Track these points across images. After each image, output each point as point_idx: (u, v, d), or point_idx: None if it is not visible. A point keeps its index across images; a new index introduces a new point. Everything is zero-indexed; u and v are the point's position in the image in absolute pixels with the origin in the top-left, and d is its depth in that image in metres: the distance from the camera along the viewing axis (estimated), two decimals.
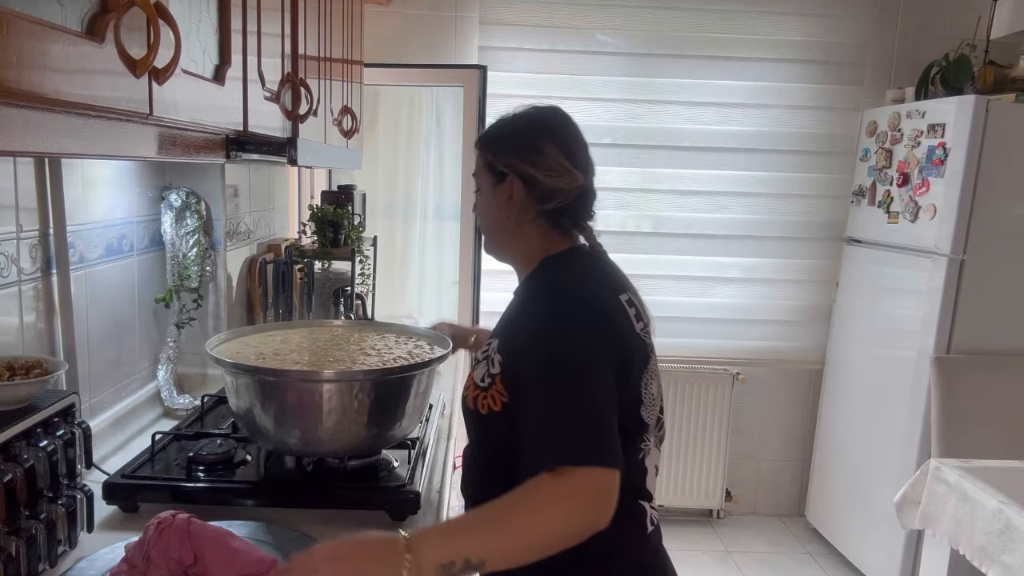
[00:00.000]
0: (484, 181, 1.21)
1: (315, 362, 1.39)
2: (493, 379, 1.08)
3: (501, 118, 1.23)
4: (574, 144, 1.19)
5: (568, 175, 1.15)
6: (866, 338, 3.11)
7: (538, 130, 1.18)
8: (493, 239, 1.25)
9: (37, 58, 0.59)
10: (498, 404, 1.07)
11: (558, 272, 1.15)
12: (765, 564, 3.17)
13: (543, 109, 1.22)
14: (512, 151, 1.17)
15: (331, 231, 2.35)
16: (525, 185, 1.15)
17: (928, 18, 3.26)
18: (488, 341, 1.15)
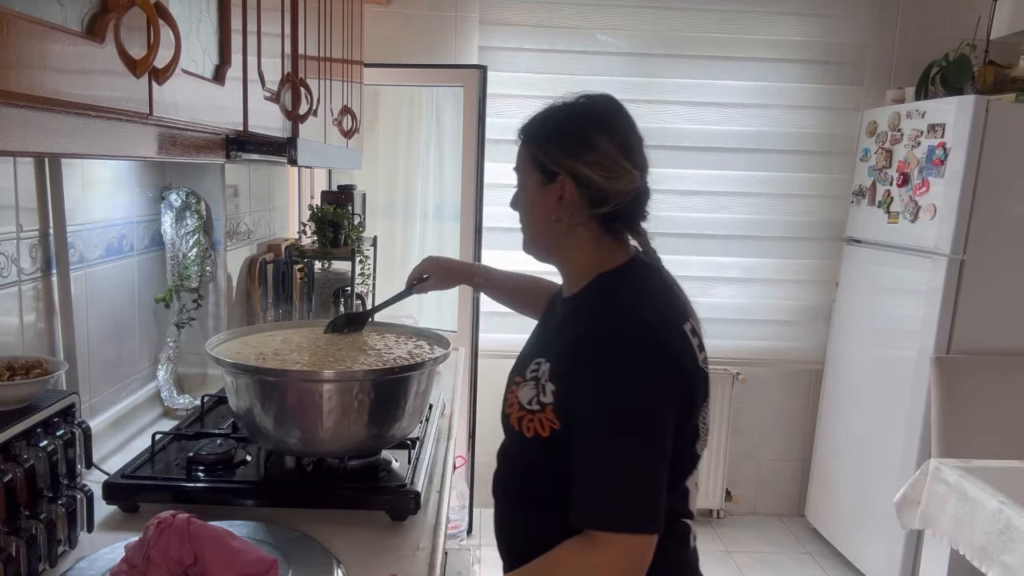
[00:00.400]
0: (530, 178, 1.11)
1: (315, 362, 1.38)
2: (543, 407, 1.02)
3: (550, 107, 1.11)
4: (631, 139, 1.09)
5: (626, 176, 1.06)
6: (866, 338, 3.11)
7: (594, 124, 1.07)
8: (537, 241, 1.15)
9: (37, 58, 0.59)
10: (547, 430, 1.02)
11: (620, 299, 1.04)
12: (765, 564, 3.17)
13: (597, 99, 1.11)
14: (565, 148, 1.06)
15: (331, 231, 2.35)
16: (578, 186, 1.05)
17: (928, 18, 3.27)
18: (536, 360, 1.07)
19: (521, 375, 1.10)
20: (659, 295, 1.07)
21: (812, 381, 3.51)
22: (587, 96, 1.10)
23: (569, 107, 1.10)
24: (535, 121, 1.12)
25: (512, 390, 1.10)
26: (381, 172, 3.33)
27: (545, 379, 1.03)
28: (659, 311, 1.04)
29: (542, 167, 1.08)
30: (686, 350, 1.02)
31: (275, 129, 1.29)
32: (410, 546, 1.21)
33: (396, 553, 1.19)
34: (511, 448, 1.13)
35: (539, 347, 1.12)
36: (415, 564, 1.16)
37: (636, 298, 1.04)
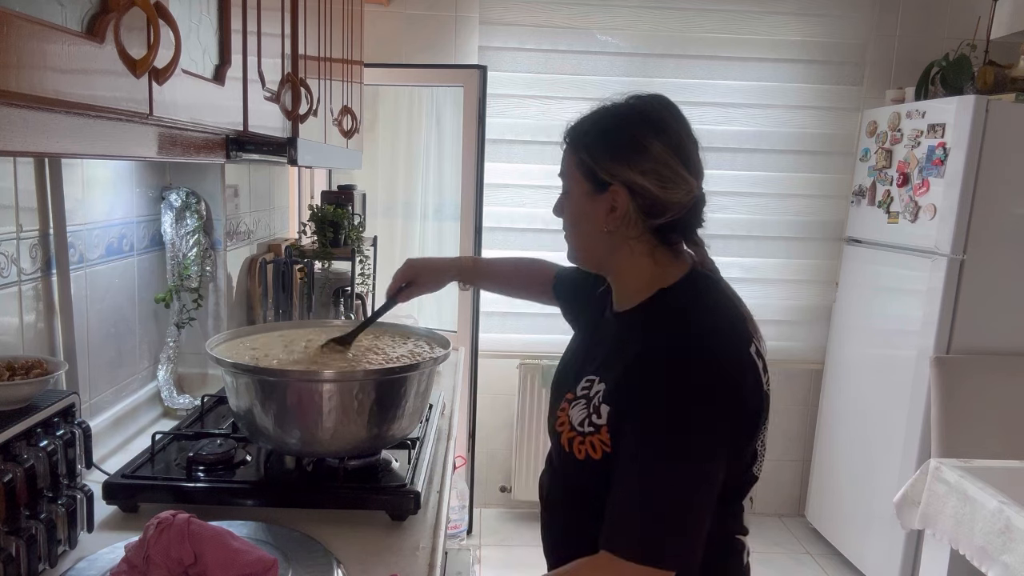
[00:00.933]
0: (578, 186, 1.03)
1: (315, 362, 1.38)
2: (597, 429, 0.98)
3: (598, 109, 1.04)
4: (687, 144, 1.03)
5: (684, 185, 1.01)
6: (866, 338, 3.11)
7: (647, 128, 1.00)
8: (586, 253, 1.09)
9: (37, 58, 0.59)
10: (599, 452, 0.98)
11: (681, 322, 0.98)
12: (765, 564, 3.17)
13: (648, 99, 1.03)
14: (617, 155, 0.99)
15: (331, 231, 2.35)
16: (632, 196, 0.99)
17: (928, 18, 3.27)
18: (588, 378, 1.03)
19: (572, 391, 1.05)
20: (722, 316, 1.01)
21: (812, 381, 3.51)
22: (637, 97, 1.04)
23: (618, 109, 1.03)
24: (582, 125, 1.04)
25: (563, 407, 1.06)
26: (381, 172, 3.33)
27: (599, 400, 0.99)
28: (723, 335, 0.98)
29: (592, 175, 1.01)
30: (750, 376, 0.97)
31: (275, 129, 1.30)
32: (410, 546, 1.21)
33: (396, 553, 1.19)
34: (559, 463, 1.09)
35: (590, 363, 1.06)
36: (415, 564, 1.16)
37: (699, 321, 0.99)
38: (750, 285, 3.47)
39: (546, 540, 1.18)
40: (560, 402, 1.07)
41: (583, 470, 1.00)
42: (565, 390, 1.08)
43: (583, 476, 1.02)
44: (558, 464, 1.09)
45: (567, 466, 1.04)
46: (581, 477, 1.02)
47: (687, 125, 1.04)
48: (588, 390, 1.02)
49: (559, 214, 1.11)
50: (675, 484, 0.90)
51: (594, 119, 1.04)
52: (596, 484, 0.98)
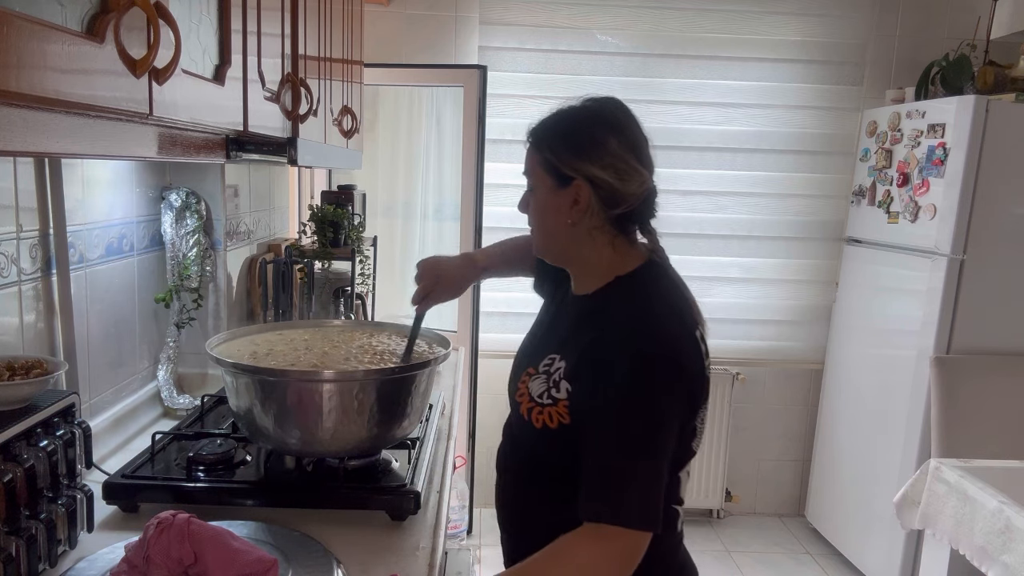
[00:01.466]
0: (542, 183, 1.11)
1: (315, 362, 1.38)
2: (556, 402, 1.07)
3: (557, 111, 1.12)
4: (639, 140, 1.11)
5: (637, 176, 1.09)
6: (866, 338, 3.11)
7: (603, 126, 1.08)
8: (551, 245, 1.16)
9: (37, 58, 0.59)
10: (555, 423, 1.07)
11: (638, 306, 1.07)
12: (765, 564, 3.17)
13: (604, 102, 1.12)
14: (579, 152, 1.07)
15: (331, 231, 2.35)
16: (593, 189, 1.07)
17: (928, 18, 3.27)
18: (549, 355, 1.11)
19: (534, 367, 1.13)
20: (674, 302, 1.10)
21: (812, 381, 3.52)
22: (592, 99, 1.12)
23: (577, 110, 1.11)
24: (544, 125, 1.12)
25: (524, 380, 1.14)
26: (381, 172, 3.33)
27: (560, 377, 1.07)
28: (675, 320, 1.06)
29: (555, 171, 1.09)
30: (696, 357, 1.06)
31: (275, 129, 1.30)
32: (410, 546, 1.21)
33: (396, 553, 1.19)
34: (517, 430, 1.18)
35: (552, 342, 1.14)
36: (415, 564, 1.16)
37: (654, 306, 1.07)
38: (750, 285, 3.48)
39: (500, 506, 1.25)
40: (521, 376, 1.16)
41: (539, 438, 1.09)
42: (527, 364, 1.16)
43: (539, 443, 1.11)
44: (517, 432, 1.18)
45: (524, 433, 1.13)
46: (534, 443, 1.12)
47: (639, 124, 1.12)
48: (549, 367, 1.10)
49: (524, 210, 1.18)
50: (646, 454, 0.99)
51: (555, 120, 1.11)
52: (547, 451, 1.10)
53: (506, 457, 1.24)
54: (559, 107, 1.12)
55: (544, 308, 1.31)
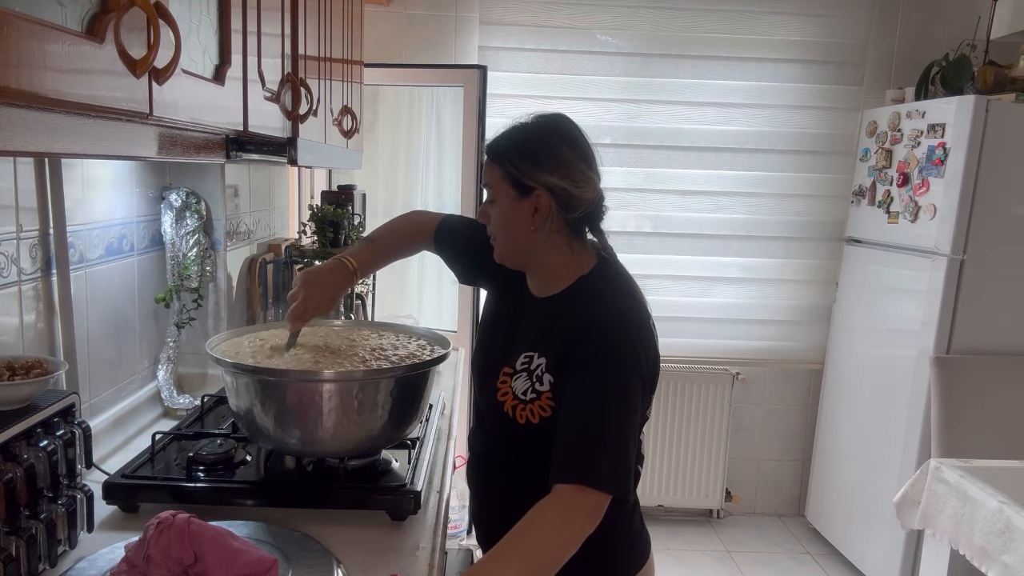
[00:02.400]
0: (504, 194, 1.19)
1: (315, 362, 1.38)
2: (539, 395, 1.17)
3: (512, 128, 1.21)
4: (589, 151, 1.20)
5: (591, 183, 1.18)
6: (866, 338, 3.11)
7: (559, 139, 1.18)
8: (514, 251, 1.24)
9: (37, 58, 0.59)
10: (536, 417, 1.17)
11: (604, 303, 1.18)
12: (765, 564, 3.17)
13: (554, 117, 1.22)
14: (538, 164, 1.16)
15: (331, 231, 2.35)
16: (552, 197, 1.16)
17: (928, 18, 3.27)
18: (526, 354, 1.20)
19: (511, 366, 1.22)
20: (632, 297, 1.21)
21: (812, 381, 3.51)
22: (543, 115, 1.22)
23: (531, 125, 1.20)
24: (502, 140, 1.21)
25: (504, 380, 1.22)
26: (381, 172, 3.33)
27: (542, 371, 1.17)
28: (635, 312, 1.18)
29: (516, 183, 1.18)
30: (651, 344, 1.18)
31: (275, 129, 1.30)
32: (410, 546, 1.21)
33: (396, 553, 1.19)
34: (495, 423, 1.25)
35: (524, 341, 1.23)
36: (415, 564, 1.16)
37: (618, 302, 1.19)
38: (750, 285, 3.48)
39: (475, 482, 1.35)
40: (498, 375, 1.23)
41: (521, 432, 1.19)
42: (501, 365, 1.23)
43: (520, 438, 1.20)
44: (496, 427, 1.26)
45: (507, 429, 1.21)
46: (518, 438, 1.20)
47: (584, 134, 1.22)
48: (528, 364, 1.19)
49: (484, 220, 1.26)
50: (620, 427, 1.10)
51: (511, 135, 1.21)
52: (529, 444, 1.19)
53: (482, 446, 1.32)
54: (513, 123, 1.22)
55: (496, 308, 1.36)
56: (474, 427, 1.37)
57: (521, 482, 1.20)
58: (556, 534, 1.03)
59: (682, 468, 3.42)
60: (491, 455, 1.31)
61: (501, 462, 1.28)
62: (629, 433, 1.11)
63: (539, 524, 1.04)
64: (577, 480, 1.05)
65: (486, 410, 1.29)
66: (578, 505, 1.05)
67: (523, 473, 1.20)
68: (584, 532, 1.05)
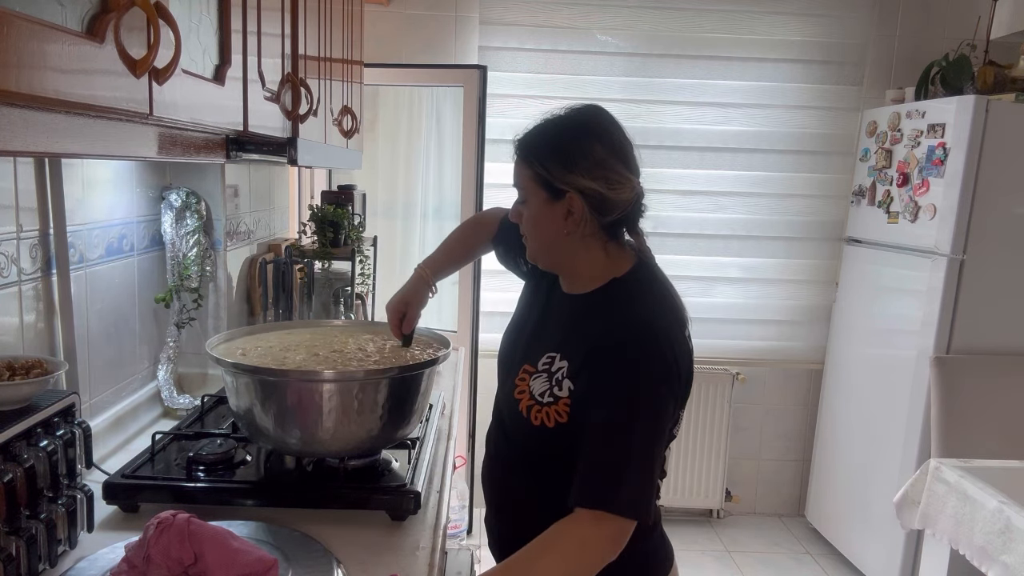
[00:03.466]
0: (534, 196, 1.13)
1: (315, 362, 1.38)
2: (556, 400, 1.11)
3: (544, 123, 1.14)
4: (625, 146, 1.12)
5: (627, 184, 1.11)
6: (866, 338, 3.11)
7: (590, 137, 1.10)
8: (546, 254, 1.19)
9: (37, 58, 0.59)
10: (552, 422, 1.11)
11: (636, 308, 1.11)
12: (765, 564, 3.17)
13: (587, 111, 1.14)
14: (571, 166, 1.09)
15: (331, 231, 2.35)
16: (586, 200, 1.09)
17: (928, 18, 3.27)
18: (548, 354, 1.14)
19: (532, 364, 1.16)
20: (667, 303, 1.14)
21: (812, 381, 3.52)
22: (575, 109, 1.14)
23: (562, 121, 1.13)
24: (532, 138, 1.14)
25: (523, 377, 1.17)
26: (381, 172, 3.33)
27: (562, 376, 1.11)
28: (669, 321, 1.11)
29: (548, 185, 1.11)
30: (687, 354, 1.11)
31: (275, 129, 1.30)
32: (410, 546, 1.21)
33: (396, 553, 1.19)
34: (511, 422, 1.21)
35: (548, 340, 1.17)
36: (415, 564, 1.16)
37: (650, 308, 1.12)
38: (750, 285, 3.48)
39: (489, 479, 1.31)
40: (518, 372, 1.18)
41: (535, 435, 1.13)
42: (522, 362, 1.19)
43: (533, 440, 1.15)
44: (511, 423, 1.21)
45: (520, 429, 1.17)
46: (531, 440, 1.15)
47: (622, 129, 1.14)
48: (550, 366, 1.13)
49: (516, 220, 1.21)
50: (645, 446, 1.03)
51: (541, 132, 1.14)
52: (542, 447, 1.14)
53: (497, 444, 1.28)
54: (544, 118, 1.14)
55: (528, 302, 1.33)
56: (492, 423, 1.32)
57: (534, 487, 1.17)
58: (572, 560, 0.99)
59: (682, 468, 3.43)
60: (505, 454, 1.26)
61: (515, 463, 1.24)
62: (655, 453, 1.05)
63: (556, 547, 1.00)
64: (598, 506, 1.01)
65: (504, 406, 1.25)
66: (598, 532, 1.00)
67: (537, 478, 1.17)
68: (603, 559, 1.01)
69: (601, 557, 1.00)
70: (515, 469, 1.24)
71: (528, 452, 1.19)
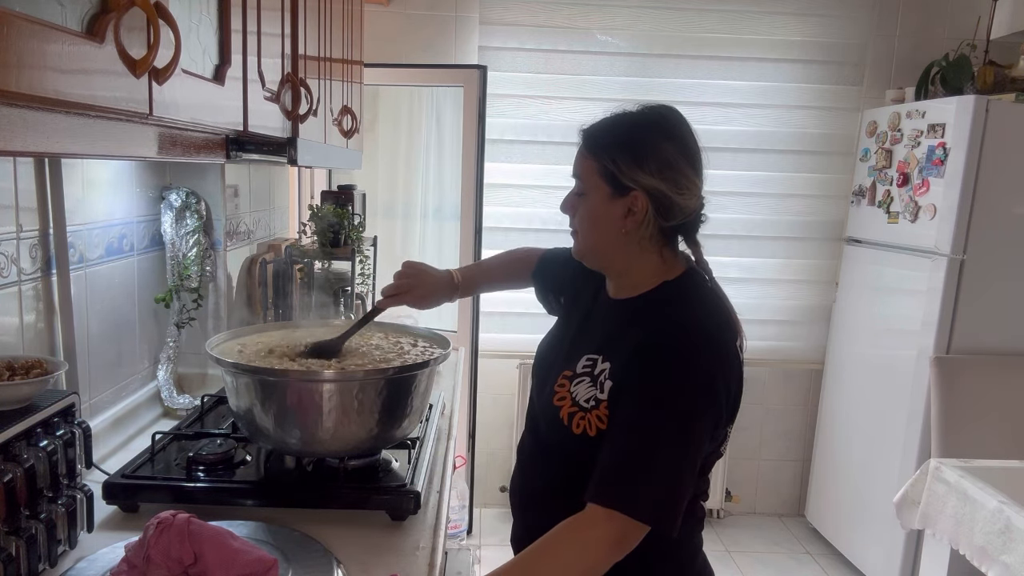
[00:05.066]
0: (597, 190, 1.09)
1: (316, 362, 1.38)
2: (598, 404, 1.06)
3: (615, 117, 1.10)
4: (696, 151, 1.10)
5: (695, 189, 1.09)
6: (866, 338, 3.11)
7: (665, 137, 1.08)
8: (596, 251, 1.14)
9: (37, 58, 0.59)
10: (594, 429, 1.06)
11: (686, 312, 1.07)
12: (765, 564, 3.17)
13: (661, 109, 1.11)
14: (640, 162, 1.05)
15: (331, 231, 2.35)
16: (651, 200, 1.06)
17: (928, 18, 3.27)
18: (589, 356, 1.10)
19: (571, 369, 1.11)
20: (718, 310, 1.09)
21: (812, 381, 3.51)
22: (650, 107, 1.11)
23: (636, 117, 1.10)
24: (603, 130, 1.10)
25: (562, 383, 1.11)
26: (381, 172, 3.33)
27: (605, 377, 1.06)
28: (719, 328, 1.06)
29: (613, 180, 1.07)
30: (736, 366, 1.06)
31: (275, 129, 1.29)
32: (410, 546, 1.21)
33: (396, 553, 1.19)
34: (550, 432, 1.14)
35: (589, 344, 1.12)
36: (415, 564, 1.16)
37: (700, 313, 1.07)
38: (750, 285, 3.48)
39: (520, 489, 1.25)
40: (557, 378, 1.13)
41: (576, 443, 1.07)
42: (561, 368, 1.13)
43: (575, 448, 1.08)
44: (549, 436, 1.15)
45: (560, 440, 1.10)
46: (573, 449, 1.08)
47: (693, 132, 1.11)
48: (592, 368, 1.08)
49: (569, 212, 1.15)
50: (674, 451, 0.98)
51: (614, 125, 1.09)
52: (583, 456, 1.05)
53: (532, 455, 1.22)
54: (616, 112, 1.11)
55: (567, 313, 1.28)
56: (526, 433, 1.25)
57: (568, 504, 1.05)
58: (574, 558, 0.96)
59: None
60: (539, 467, 1.20)
61: (549, 477, 1.17)
62: (683, 463, 0.99)
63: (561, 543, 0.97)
64: (611, 504, 0.96)
65: (540, 416, 1.18)
66: (606, 531, 0.96)
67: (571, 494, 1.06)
68: (607, 560, 0.96)
69: (606, 558, 0.96)
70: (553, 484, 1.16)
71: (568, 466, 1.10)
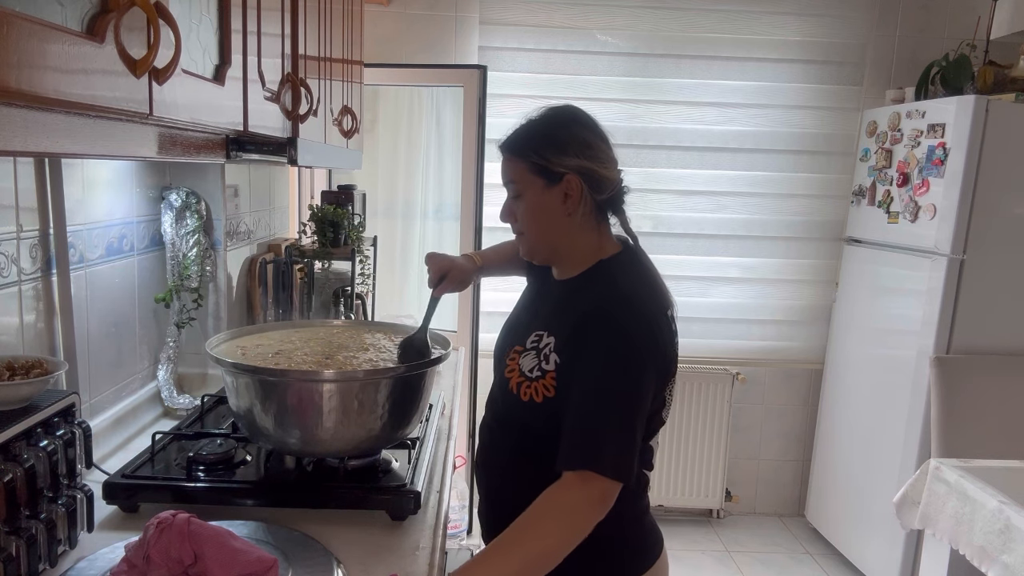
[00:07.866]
0: (531, 185, 1.20)
1: (316, 362, 1.38)
2: (544, 374, 1.17)
3: (527, 122, 1.23)
4: (604, 133, 1.23)
5: (614, 163, 1.22)
6: (866, 338, 3.11)
7: (578, 124, 1.21)
8: (544, 243, 1.25)
9: (37, 58, 0.59)
10: (540, 396, 1.17)
11: (619, 286, 1.18)
12: (765, 564, 3.17)
13: (565, 106, 1.24)
14: (564, 149, 1.18)
15: (331, 231, 2.35)
16: (583, 179, 1.17)
17: (928, 18, 3.27)
18: (536, 332, 1.20)
19: (520, 344, 1.23)
20: (649, 282, 1.22)
21: (812, 381, 3.51)
22: (553, 107, 1.24)
23: (546, 116, 1.22)
24: (520, 136, 1.22)
25: (513, 358, 1.23)
26: (381, 172, 3.33)
27: (550, 350, 1.17)
28: (651, 299, 1.19)
29: (544, 172, 1.19)
30: (668, 332, 1.19)
31: (275, 129, 1.30)
32: (410, 546, 1.21)
33: (396, 553, 1.19)
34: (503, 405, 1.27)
35: (536, 321, 1.24)
36: (415, 564, 1.16)
37: (633, 288, 1.19)
38: (750, 285, 3.48)
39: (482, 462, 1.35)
40: (510, 353, 1.25)
41: (525, 410, 1.19)
42: (513, 343, 1.25)
43: (524, 415, 1.20)
44: (502, 406, 1.27)
45: (512, 409, 1.23)
46: (522, 416, 1.21)
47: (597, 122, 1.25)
48: (538, 342, 1.19)
49: (509, 218, 1.27)
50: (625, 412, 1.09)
51: (528, 129, 1.22)
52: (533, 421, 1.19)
53: (490, 428, 1.32)
54: (525, 120, 1.23)
55: (524, 297, 1.41)
56: (486, 413, 1.37)
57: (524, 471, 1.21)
58: (562, 520, 1.04)
59: (682, 468, 3.43)
60: (496, 439, 1.30)
61: (505, 447, 1.28)
62: (636, 419, 1.10)
63: (546, 510, 1.05)
64: (583, 466, 1.06)
65: (497, 391, 1.30)
66: (586, 492, 1.05)
67: (525, 460, 1.21)
68: (592, 519, 1.05)
69: (591, 517, 1.05)
70: (509, 453, 1.27)
71: (522, 434, 1.23)
